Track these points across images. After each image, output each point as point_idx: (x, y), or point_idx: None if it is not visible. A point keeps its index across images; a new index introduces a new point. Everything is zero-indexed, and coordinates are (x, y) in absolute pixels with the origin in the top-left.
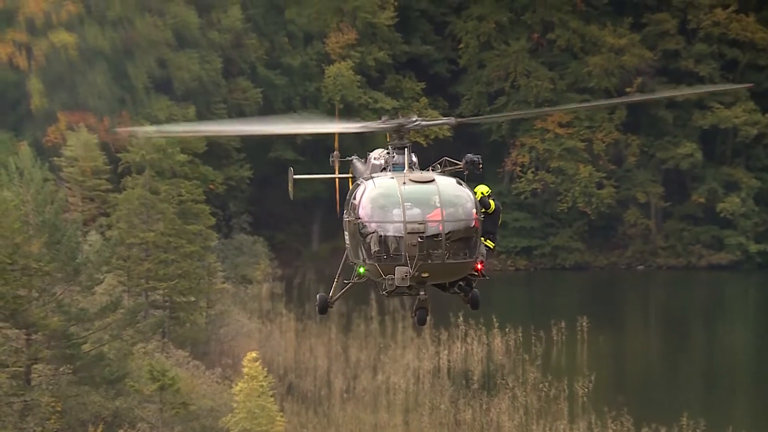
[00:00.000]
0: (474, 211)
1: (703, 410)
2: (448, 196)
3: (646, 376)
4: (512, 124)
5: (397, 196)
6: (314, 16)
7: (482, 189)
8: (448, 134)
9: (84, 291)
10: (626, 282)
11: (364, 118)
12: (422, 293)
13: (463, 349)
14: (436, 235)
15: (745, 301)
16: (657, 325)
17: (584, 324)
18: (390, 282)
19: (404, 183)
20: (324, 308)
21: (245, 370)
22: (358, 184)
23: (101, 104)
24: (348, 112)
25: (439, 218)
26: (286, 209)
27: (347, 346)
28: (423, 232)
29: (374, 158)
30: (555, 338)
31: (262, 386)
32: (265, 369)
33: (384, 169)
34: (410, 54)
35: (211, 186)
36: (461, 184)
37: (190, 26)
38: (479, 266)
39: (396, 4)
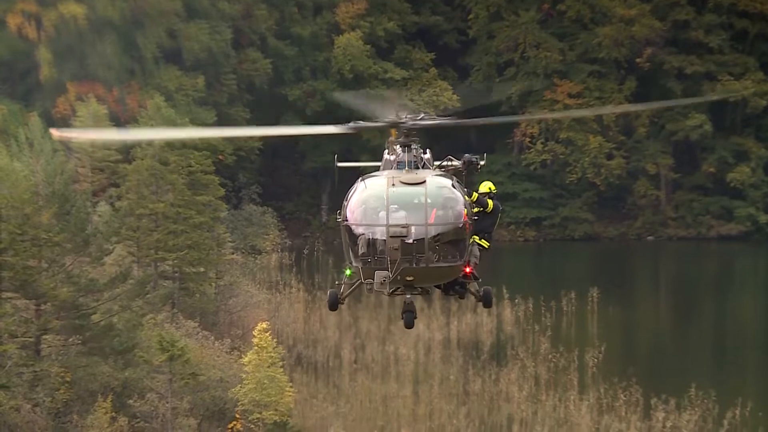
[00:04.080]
0: (464, 213)
1: (712, 381)
2: (436, 199)
3: (655, 347)
4: (521, 95)
5: (383, 199)
6: None
7: (487, 185)
8: (457, 105)
9: (93, 262)
10: (636, 253)
11: (372, 89)
12: (408, 297)
13: (473, 320)
14: (421, 239)
15: (755, 272)
16: (667, 296)
17: (594, 295)
18: (369, 287)
19: (393, 185)
20: (334, 304)
21: (255, 340)
22: (354, 184)
23: (110, 75)
24: (358, 82)
25: (423, 222)
26: (295, 180)
27: (357, 317)
28: (405, 236)
29: (387, 153)
30: (565, 309)
31: (271, 357)
32: (275, 340)
33: (390, 166)
34: (420, 24)
35: (220, 157)
36: (454, 187)
37: None
38: (468, 269)
39: None
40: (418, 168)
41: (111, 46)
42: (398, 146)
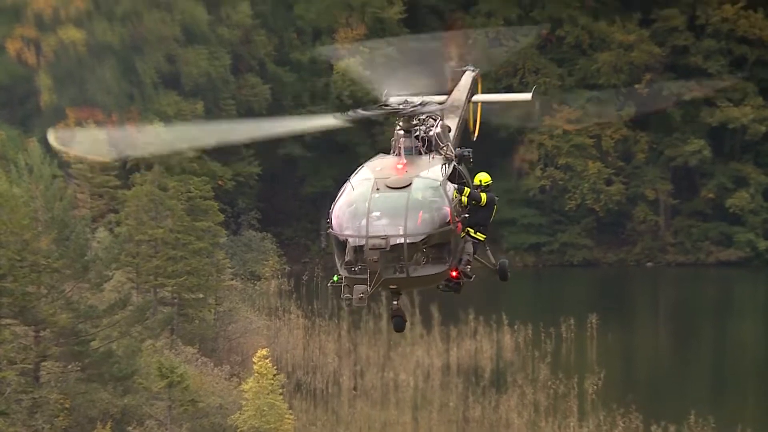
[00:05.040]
0: (449, 216)
1: (711, 407)
2: (419, 204)
3: (654, 374)
4: (520, 120)
5: (364, 207)
6: (323, 12)
7: (481, 177)
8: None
9: (93, 288)
10: (635, 279)
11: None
12: (395, 303)
13: (473, 347)
14: (401, 249)
15: (754, 298)
16: (666, 322)
17: (593, 321)
18: (348, 302)
19: (378, 189)
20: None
21: (255, 367)
22: (344, 183)
23: (110, 100)
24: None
25: (402, 232)
26: (295, 206)
27: (357, 343)
28: (384, 247)
29: (393, 139)
30: (564, 335)
31: (271, 384)
32: (274, 367)
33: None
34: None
35: (219, 182)
36: (439, 188)
37: (199, 22)
38: (454, 273)
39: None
40: (420, 154)
41: (110, 71)
42: (401, 132)
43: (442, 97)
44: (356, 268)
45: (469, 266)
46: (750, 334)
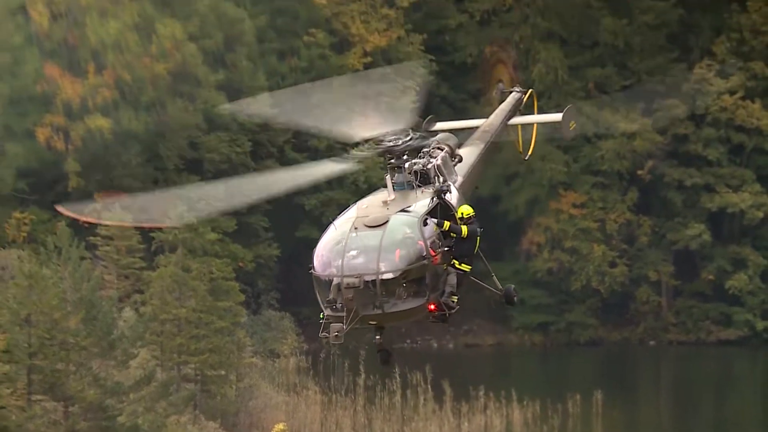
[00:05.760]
0: (423, 251)
1: None
2: (393, 243)
3: None
4: (528, 205)
5: (342, 247)
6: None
7: (463, 210)
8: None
9: (119, 365)
10: (638, 357)
11: None
12: (377, 338)
13: (483, 421)
14: (375, 287)
15: (753, 376)
16: (668, 398)
17: (599, 397)
18: (325, 340)
19: (356, 228)
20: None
21: None
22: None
23: (135, 184)
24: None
25: (375, 270)
26: (312, 286)
27: (372, 418)
28: (358, 285)
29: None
30: (571, 411)
31: None
32: None
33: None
34: None
35: (240, 264)
36: (415, 225)
37: (220, 111)
38: (432, 307)
39: (417, 89)
40: (413, 188)
41: (135, 157)
42: (390, 168)
43: (480, 121)
44: (337, 306)
45: (454, 297)
46: (749, 409)
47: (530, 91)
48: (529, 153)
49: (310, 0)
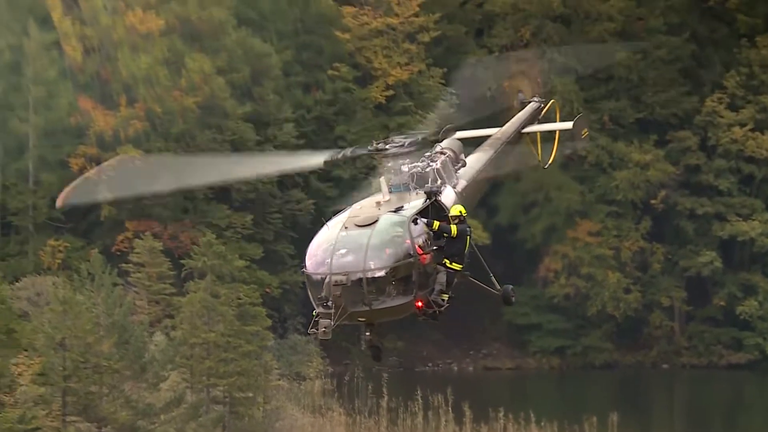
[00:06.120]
0: (410, 250)
1: None
2: (381, 241)
3: None
4: (546, 233)
5: (331, 245)
6: (362, 132)
7: (454, 210)
8: (487, 241)
9: (150, 387)
10: (652, 380)
11: None
12: (367, 334)
13: None
14: (362, 284)
15: (763, 399)
16: (681, 420)
17: (614, 419)
18: (314, 335)
19: (346, 227)
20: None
21: None
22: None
23: (165, 213)
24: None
25: (362, 267)
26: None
27: None
28: (346, 283)
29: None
30: None
31: None
32: None
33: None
34: None
35: (267, 290)
36: (404, 224)
37: (247, 141)
38: (419, 304)
39: (438, 120)
40: (409, 190)
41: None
42: (389, 171)
43: (494, 130)
44: (328, 304)
45: (444, 295)
46: (758, 430)
47: (552, 101)
48: (549, 161)
49: (335, 35)
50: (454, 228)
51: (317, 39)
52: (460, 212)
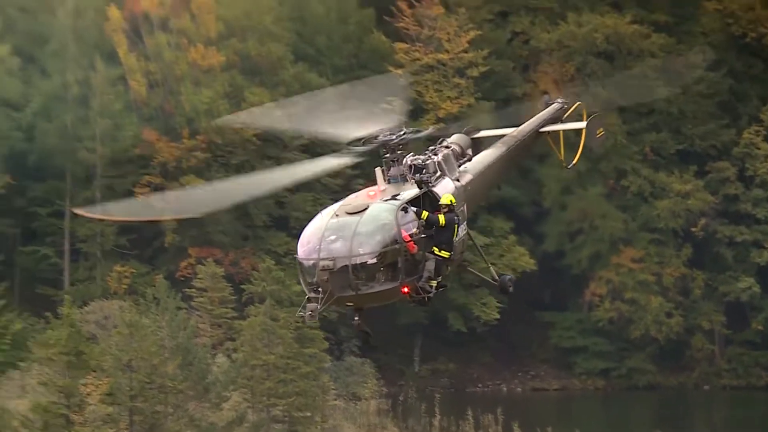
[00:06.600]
0: (396, 237)
1: None
2: (368, 228)
3: None
4: (591, 260)
5: (321, 232)
6: None
7: (443, 199)
8: (534, 267)
9: (213, 407)
10: (694, 400)
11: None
12: (356, 318)
13: None
14: (348, 269)
15: None
16: None
17: None
18: (301, 318)
19: (336, 215)
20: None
21: None
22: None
23: (226, 240)
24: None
25: (348, 253)
26: (390, 335)
27: None
28: (333, 268)
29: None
30: None
31: None
32: None
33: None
34: (500, 197)
35: (324, 314)
36: (392, 212)
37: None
38: (405, 290)
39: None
40: (406, 181)
41: (226, 214)
42: (389, 162)
43: (511, 129)
44: (318, 289)
45: (432, 282)
46: None
47: (578, 103)
48: (573, 162)
49: (388, 70)
50: (441, 217)
51: (371, 73)
52: (450, 201)
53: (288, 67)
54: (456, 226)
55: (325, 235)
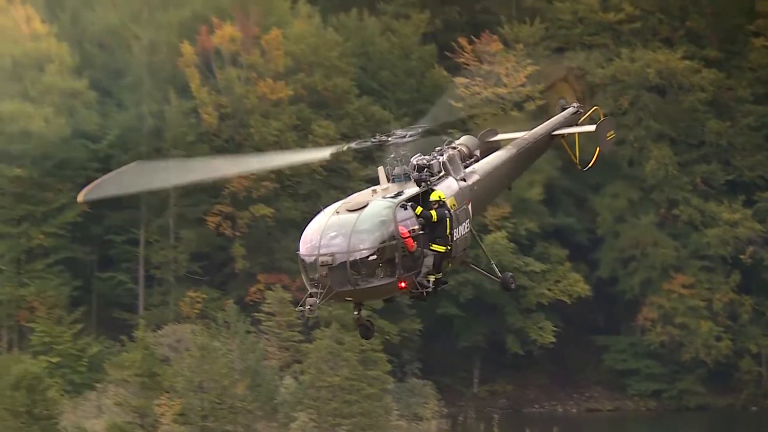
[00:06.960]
0: (394, 233)
1: None
2: (365, 225)
3: None
4: (643, 285)
5: (321, 229)
6: None
7: (434, 195)
8: (589, 293)
9: (281, 427)
10: (741, 421)
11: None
12: (356, 313)
13: None
14: (346, 264)
15: None
16: None
17: None
18: (301, 312)
19: (337, 212)
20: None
21: None
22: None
23: (294, 267)
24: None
25: (346, 249)
26: (451, 357)
27: None
28: (331, 263)
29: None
30: None
31: None
32: None
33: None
34: (555, 225)
35: (387, 337)
36: (390, 209)
37: None
38: (402, 285)
39: (543, 182)
40: (410, 180)
41: (294, 241)
42: (394, 161)
43: (523, 133)
44: (318, 283)
45: (430, 277)
46: None
47: (595, 108)
48: (589, 165)
49: (449, 104)
50: (434, 213)
51: (431, 107)
52: (439, 197)
53: (353, 101)
54: (448, 220)
55: (326, 231)
